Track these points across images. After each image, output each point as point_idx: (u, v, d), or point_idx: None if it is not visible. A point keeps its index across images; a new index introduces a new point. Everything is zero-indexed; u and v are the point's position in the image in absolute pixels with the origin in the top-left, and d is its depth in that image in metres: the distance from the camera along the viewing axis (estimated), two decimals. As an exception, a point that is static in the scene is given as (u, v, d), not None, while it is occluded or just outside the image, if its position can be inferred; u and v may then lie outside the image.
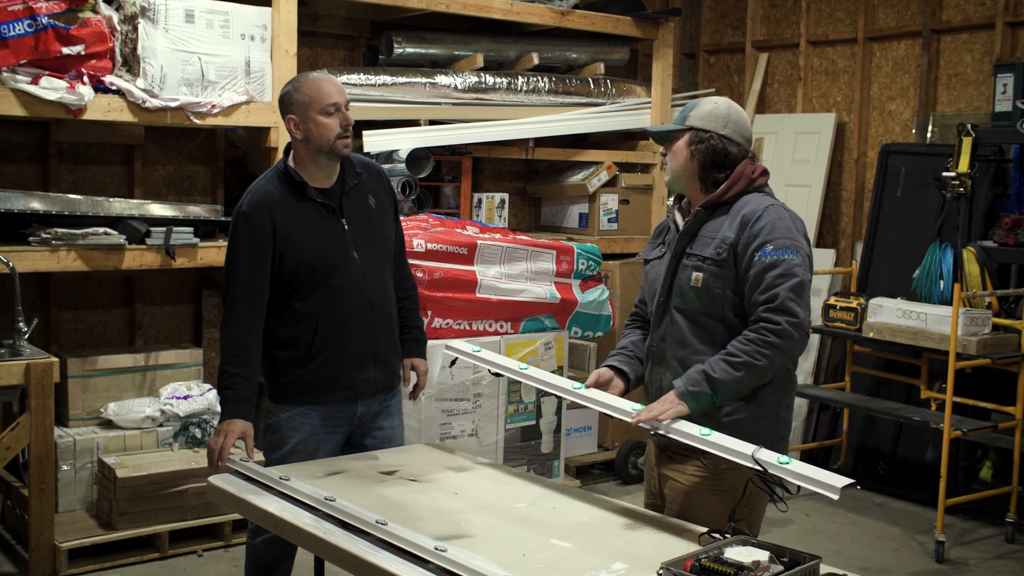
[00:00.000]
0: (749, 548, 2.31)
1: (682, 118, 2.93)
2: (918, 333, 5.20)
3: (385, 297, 3.42)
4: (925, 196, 5.95)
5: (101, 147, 5.41)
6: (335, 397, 3.34)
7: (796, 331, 2.69)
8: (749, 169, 2.87)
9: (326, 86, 3.24)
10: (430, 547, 2.40)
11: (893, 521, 5.45)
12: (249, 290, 3.24)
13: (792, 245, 2.73)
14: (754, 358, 2.69)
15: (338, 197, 3.33)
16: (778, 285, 2.69)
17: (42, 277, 5.26)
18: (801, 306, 2.71)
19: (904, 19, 6.40)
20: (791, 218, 2.81)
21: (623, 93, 6.61)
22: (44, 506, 4.31)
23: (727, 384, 2.71)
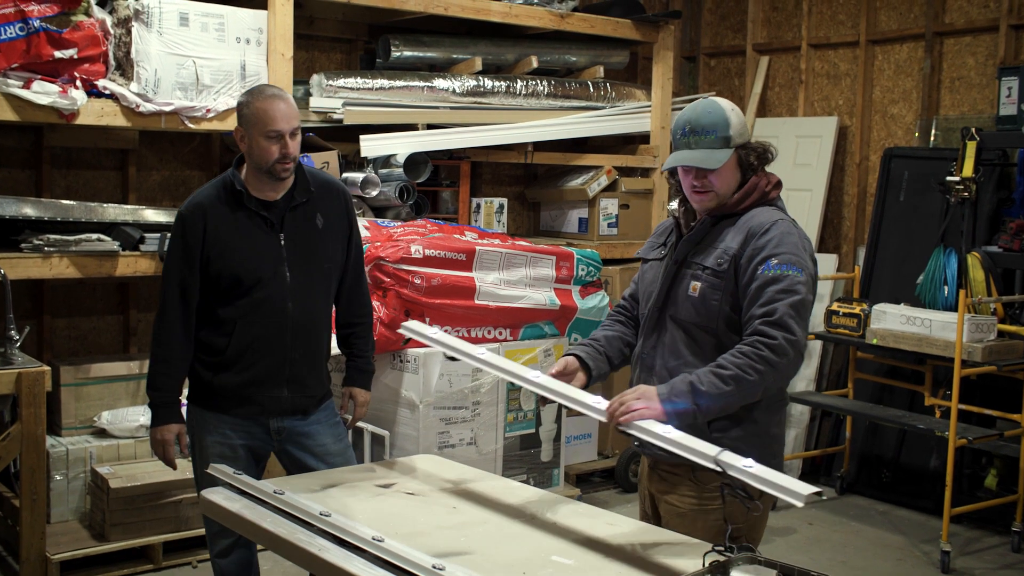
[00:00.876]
0: (756, 567, 2.24)
1: (721, 139, 2.71)
2: (922, 340, 5.14)
3: (311, 319, 3.33)
4: (928, 201, 5.89)
5: (95, 152, 5.35)
6: (244, 411, 3.30)
7: (792, 349, 2.56)
8: (764, 182, 2.77)
9: (273, 111, 3.16)
10: (428, 565, 2.33)
11: (897, 530, 5.39)
12: (178, 291, 3.24)
13: (797, 262, 2.62)
14: (745, 372, 2.55)
15: (281, 212, 3.27)
16: (778, 300, 2.58)
17: (35, 284, 5.19)
18: (800, 325, 2.59)
19: (906, 22, 6.34)
20: (800, 236, 2.71)
21: (623, 96, 6.55)
22: (35, 517, 4.24)
23: (713, 398, 2.55)
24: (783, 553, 4.96)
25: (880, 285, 6.08)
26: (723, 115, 2.72)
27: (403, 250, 4.74)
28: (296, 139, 3.21)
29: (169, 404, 3.31)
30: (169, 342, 3.27)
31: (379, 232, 5.06)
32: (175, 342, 3.27)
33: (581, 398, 2.70)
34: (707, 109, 2.74)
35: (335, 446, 3.45)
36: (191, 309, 3.26)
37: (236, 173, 3.28)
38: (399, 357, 4.78)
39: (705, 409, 2.56)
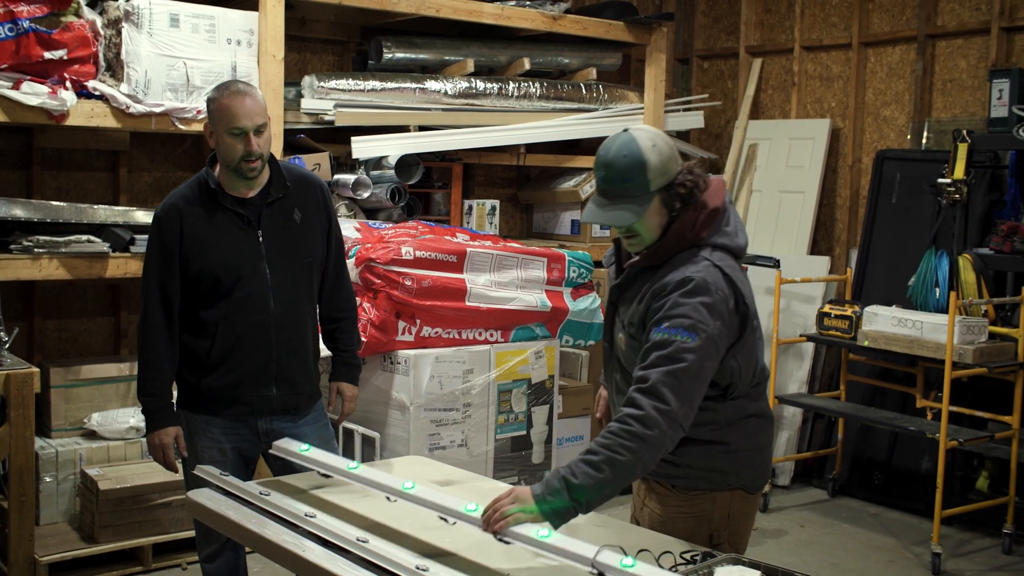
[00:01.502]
0: (740, 568, 2.24)
1: (639, 186, 2.49)
2: (914, 342, 5.14)
3: (295, 316, 3.32)
4: (920, 203, 5.89)
5: (86, 153, 5.34)
6: (233, 412, 3.29)
7: (664, 420, 2.35)
8: (688, 226, 2.53)
9: (236, 108, 3.11)
10: (411, 566, 2.34)
11: (888, 532, 5.38)
12: (159, 293, 3.22)
13: (692, 327, 2.40)
14: (616, 453, 2.34)
15: (258, 208, 3.25)
16: (657, 367, 2.39)
17: (25, 285, 5.18)
18: (678, 395, 2.37)
19: (899, 24, 6.34)
20: (714, 289, 2.45)
21: (616, 98, 6.55)
22: (24, 519, 4.23)
23: (589, 489, 2.33)
24: (774, 555, 4.95)
25: (872, 287, 6.08)
26: (639, 159, 2.48)
27: (394, 252, 4.73)
28: (262, 135, 3.15)
29: (163, 408, 3.28)
30: (156, 346, 3.24)
31: (370, 234, 5.06)
32: (162, 346, 3.24)
33: (454, 506, 2.54)
34: (622, 152, 2.49)
35: (322, 448, 3.43)
36: (173, 311, 3.24)
37: (210, 171, 3.25)
38: (390, 359, 4.77)
39: (585, 502, 2.36)
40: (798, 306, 6.25)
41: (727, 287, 2.49)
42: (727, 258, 2.55)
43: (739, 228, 2.64)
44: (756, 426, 2.67)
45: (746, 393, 2.62)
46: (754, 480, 2.69)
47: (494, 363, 5.01)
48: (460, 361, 4.89)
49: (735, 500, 2.67)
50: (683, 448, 2.60)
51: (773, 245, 6.59)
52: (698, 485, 2.64)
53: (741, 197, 6.85)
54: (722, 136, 7.32)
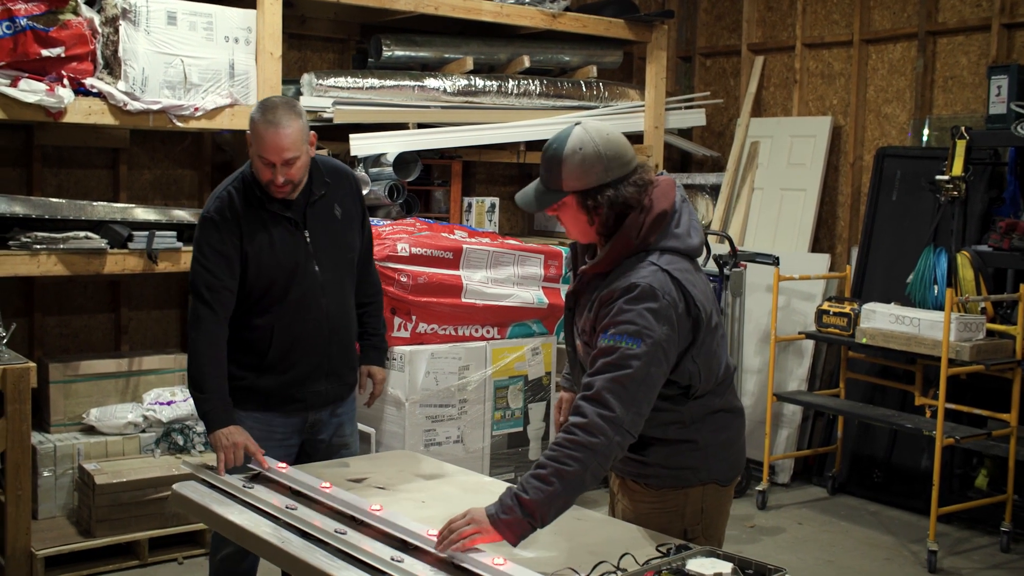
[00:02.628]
0: (712, 560, 2.24)
1: (554, 180, 2.49)
2: (911, 339, 5.13)
3: (344, 310, 3.36)
4: (921, 200, 5.87)
5: (86, 151, 5.37)
6: (285, 409, 3.30)
7: (609, 427, 2.32)
8: (635, 228, 2.48)
9: (268, 141, 3.07)
10: (386, 557, 2.35)
11: (887, 530, 5.37)
12: (218, 292, 3.17)
13: (638, 333, 2.37)
14: (564, 464, 2.31)
15: (302, 209, 3.26)
16: (602, 373, 2.37)
17: (26, 282, 5.21)
18: (623, 401, 2.34)
19: (900, 21, 6.33)
20: (660, 295, 2.41)
21: (616, 96, 6.55)
22: (20, 513, 4.26)
23: (542, 504, 2.30)
24: (770, 552, 4.95)
25: (872, 285, 6.06)
26: (558, 156, 2.48)
27: (389, 248, 4.75)
28: (294, 166, 3.12)
29: (227, 408, 3.16)
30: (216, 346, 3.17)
31: (367, 230, 5.07)
32: (220, 344, 3.18)
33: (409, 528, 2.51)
34: (553, 143, 2.51)
35: (352, 437, 3.52)
36: (227, 313, 3.20)
37: (254, 175, 3.22)
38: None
39: (540, 516, 2.32)
40: (798, 304, 6.24)
41: (676, 291, 2.45)
42: (678, 260, 2.51)
43: (693, 228, 2.58)
44: (723, 420, 2.65)
45: (710, 391, 2.60)
46: (726, 473, 2.67)
47: (490, 359, 5.03)
48: (456, 357, 4.91)
49: (708, 494, 2.66)
50: (651, 448, 2.61)
51: (775, 243, 6.58)
52: (669, 483, 2.63)
53: (743, 194, 6.84)
54: (724, 134, 7.32)
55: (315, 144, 3.27)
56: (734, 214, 6.85)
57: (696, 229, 2.60)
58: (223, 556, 3.35)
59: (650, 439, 2.61)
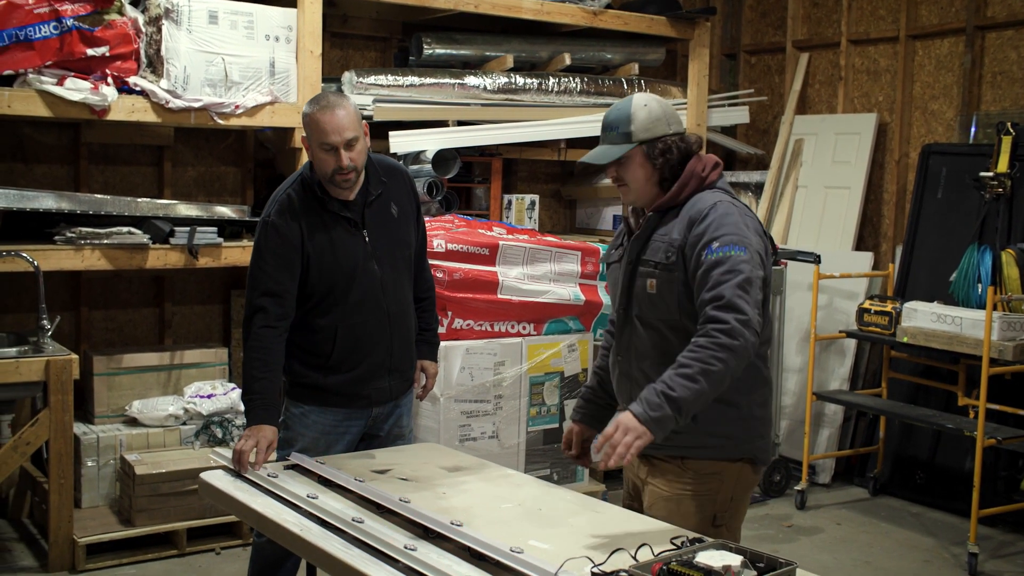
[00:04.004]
0: (723, 552, 2.23)
1: (622, 135, 2.75)
2: (953, 338, 5.05)
3: (403, 308, 3.40)
4: (967, 198, 5.77)
5: (131, 148, 5.48)
6: (351, 407, 3.36)
7: (747, 330, 2.53)
8: (699, 167, 2.76)
9: (325, 123, 3.12)
10: (400, 546, 2.37)
11: (928, 531, 5.29)
12: (276, 296, 3.20)
13: (739, 241, 2.60)
14: (709, 364, 2.51)
15: (360, 209, 3.29)
16: (724, 282, 2.56)
17: (72, 276, 5.33)
18: (750, 304, 2.55)
19: (947, 16, 6.23)
20: (740, 213, 2.67)
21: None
22: (63, 501, 4.37)
23: (689, 401, 2.50)
24: (806, 552, 4.91)
25: (917, 283, 5.98)
26: (628, 112, 2.75)
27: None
28: (354, 148, 3.15)
29: (268, 407, 3.17)
30: (269, 346, 3.19)
31: (405, 227, 5.11)
32: (275, 346, 3.21)
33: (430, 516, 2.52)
34: (618, 106, 2.79)
35: (409, 427, 3.56)
36: (288, 314, 3.22)
37: (313, 176, 3.25)
38: (421, 350, 4.82)
39: (686, 412, 2.52)
40: (841, 303, 6.18)
41: (751, 212, 2.74)
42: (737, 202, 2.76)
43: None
44: (764, 393, 2.81)
45: (758, 353, 2.71)
46: (761, 452, 2.78)
47: (526, 356, 5.04)
48: (491, 353, 4.93)
49: (741, 476, 2.75)
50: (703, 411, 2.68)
51: (818, 241, 6.51)
52: (712, 454, 2.70)
53: (787, 192, 6.78)
54: (769, 132, 7.26)
55: (368, 134, 3.30)
56: (777, 212, 6.79)
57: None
58: (264, 540, 3.42)
59: None
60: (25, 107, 4.45)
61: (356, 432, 3.43)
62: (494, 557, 2.33)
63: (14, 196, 4.62)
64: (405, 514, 2.60)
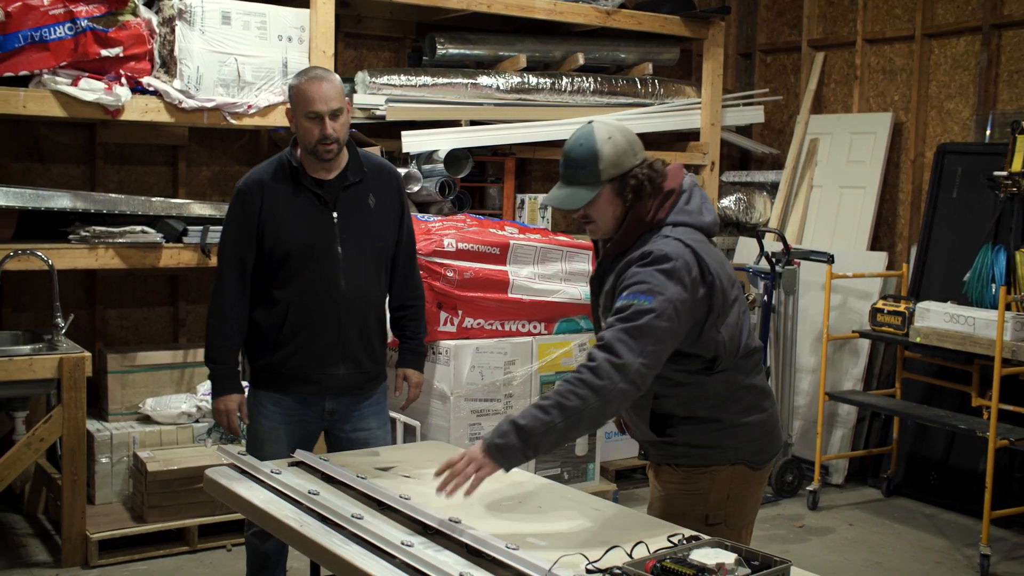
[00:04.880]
0: (717, 550, 2.24)
1: (590, 174, 2.61)
2: (966, 338, 5.02)
3: (364, 297, 3.41)
4: (982, 197, 5.73)
5: (146, 148, 5.53)
6: (302, 390, 3.38)
7: (617, 373, 2.42)
8: (646, 210, 2.62)
9: (312, 92, 3.24)
10: (397, 542, 2.39)
11: (941, 533, 5.26)
12: (236, 264, 3.33)
13: (649, 291, 2.48)
14: (566, 398, 2.42)
15: (335, 190, 3.35)
16: (613, 326, 2.49)
17: (88, 275, 5.39)
18: (632, 350, 2.43)
19: (964, 14, 6.19)
20: (672, 258, 2.52)
21: (672, 93, 6.52)
22: (76, 497, 4.41)
23: (537, 432, 2.41)
24: (816, 552, 4.89)
25: (931, 283, 5.95)
26: (593, 148, 2.61)
27: (436, 243, 4.81)
28: (339, 119, 3.26)
29: (229, 375, 3.41)
30: (226, 315, 3.37)
31: (417, 226, 5.11)
32: (232, 315, 3.36)
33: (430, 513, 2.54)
34: (579, 141, 2.64)
35: (379, 430, 3.55)
36: (246, 283, 3.36)
37: (293, 152, 3.36)
38: (431, 349, 4.84)
39: (533, 444, 2.43)
40: (855, 303, 6.15)
41: (689, 255, 2.55)
42: (692, 232, 2.62)
43: (705, 208, 2.70)
44: (750, 400, 2.71)
45: (734, 366, 2.66)
46: (754, 455, 2.72)
47: (536, 355, 5.06)
48: (502, 352, 4.94)
49: (736, 477, 2.70)
50: (680, 427, 2.68)
51: (833, 241, 6.49)
52: (696, 462, 2.70)
53: (801, 192, 6.76)
54: (784, 131, 7.23)
55: (351, 112, 3.36)
56: (792, 212, 6.77)
57: (709, 209, 2.72)
58: (252, 532, 3.53)
59: (678, 419, 2.70)
60: (40, 107, 4.51)
61: (314, 426, 3.46)
62: (490, 554, 2.34)
63: (30, 195, 4.67)
64: (404, 511, 2.61)
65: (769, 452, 2.77)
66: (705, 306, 2.58)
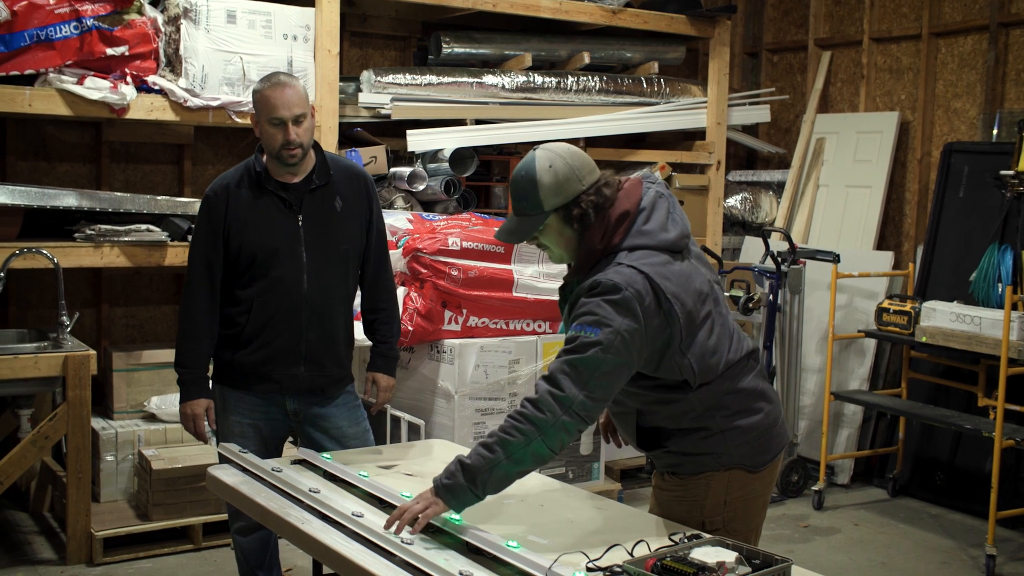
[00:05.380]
0: (718, 549, 2.23)
1: (533, 205, 2.52)
2: (972, 338, 5.01)
3: (327, 299, 3.42)
4: (989, 196, 5.71)
5: (152, 147, 5.54)
6: (263, 388, 3.42)
7: (558, 405, 2.37)
8: (597, 238, 2.53)
9: (275, 99, 3.25)
10: (398, 540, 2.39)
11: (947, 533, 5.25)
12: (204, 269, 3.37)
13: (596, 322, 2.39)
14: (509, 434, 2.40)
15: (300, 194, 3.37)
16: (559, 357, 2.43)
17: (94, 274, 5.40)
18: (577, 383, 2.37)
19: (971, 13, 6.17)
20: (623, 287, 2.41)
21: (678, 92, 6.51)
22: (81, 495, 4.42)
23: (482, 470, 2.40)
24: (821, 552, 4.88)
25: (938, 283, 5.93)
26: (532, 178, 2.51)
27: (440, 242, 4.80)
28: (303, 125, 3.27)
29: (197, 380, 3.45)
30: (195, 319, 3.40)
31: (422, 225, 5.14)
32: (201, 319, 3.40)
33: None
34: (521, 170, 2.55)
35: (351, 429, 3.52)
36: (216, 287, 3.39)
37: (259, 157, 3.40)
38: (436, 348, 4.84)
39: (480, 483, 2.41)
40: (861, 302, 6.13)
41: (643, 284, 2.44)
42: (650, 255, 2.51)
43: (671, 222, 2.58)
44: (741, 404, 2.62)
45: (719, 376, 2.58)
46: (751, 457, 2.63)
47: (541, 353, 5.05)
48: (506, 351, 4.94)
49: (733, 482, 2.63)
50: (672, 439, 2.64)
51: (839, 240, 6.47)
52: (693, 469, 2.64)
53: (808, 191, 6.75)
54: (791, 130, 7.22)
55: (315, 116, 3.43)
56: (799, 211, 6.76)
57: (675, 223, 2.60)
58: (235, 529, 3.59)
59: (667, 431, 2.65)
60: (46, 106, 4.52)
61: (279, 424, 3.49)
62: (491, 552, 2.34)
63: (36, 194, 4.68)
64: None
65: (768, 454, 2.67)
66: (664, 333, 2.48)
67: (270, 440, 3.49)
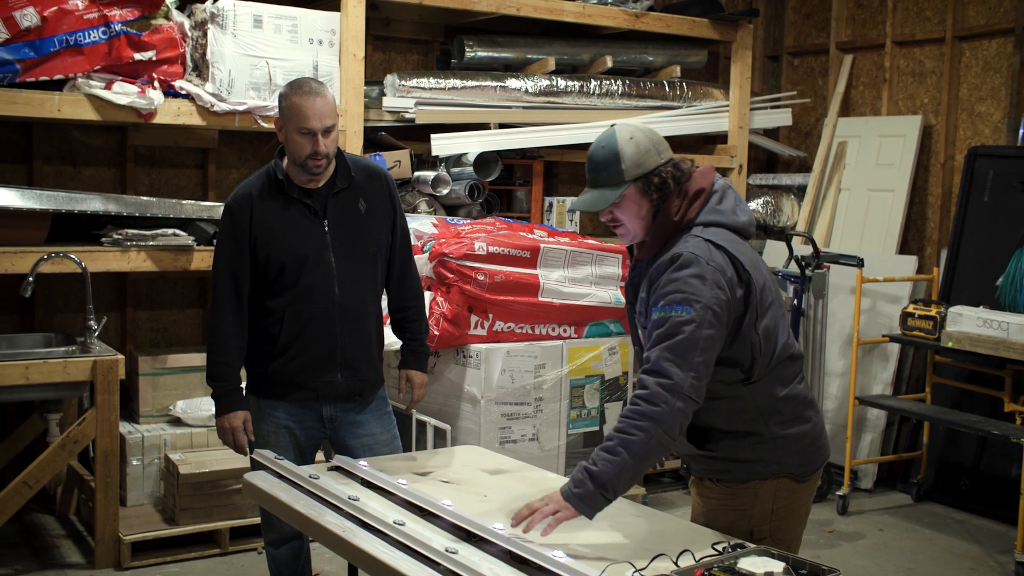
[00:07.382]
0: (765, 559, 2.23)
1: (613, 175, 2.59)
2: (1000, 343, 4.99)
3: (359, 303, 3.40)
4: (1014, 201, 5.70)
5: (176, 151, 5.55)
6: (299, 396, 3.39)
7: (670, 394, 2.40)
8: (674, 210, 2.59)
9: (307, 109, 3.20)
10: (441, 549, 2.39)
11: (973, 539, 5.23)
12: (230, 280, 3.33)
13: (685, 299, 2.45)
14: (629, 434, 2.41)
15: (324, 198, 3.34)
16: (657, 344, 2.46)
17: (118, 277, 5.41)
18: (682, 366, 2.42)
19: (995, 16, 6.15)
20: (704, 260, 2.48)
21: (700, 96, 6.50)
22: (109, 499, 4.43)
23: (612, 475, 2.41)
24: (848, 557, 4.87)
25: (962, 287, 5.90)
26: (615, 149, 2.59)
27: (467, 247, 4.80)
28: (330, 136, 3.24)
29: (231, 392, 3.40)
30: (225, 331, 3.36)
31: (447, 229, 5.13)
32: (231, 331, 3.36)
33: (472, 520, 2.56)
34: (601, 143, 2.63)
35: (383, 435, 3.52)
36: (243, 298, 3.35)
37: (279, 163, 3.36)
38: (462, 352, 4.84)
39: (612, 487, 2.43)
40: (884, 307, 6.12)
41: (721, 257, 2.52)
42: (723, 232, 2.59)
43: (740, 208, 2.67)
44: (792, 411, 2.64)
45: (772, 375, 2.60)
46: (800, 466, 2.65)
47: (566, 358, 5.04)
48: (532, 356, 4.93)
49: (781, 490, 2.64)
50: (720, 442, 2.64)
51: (861, 244, 6.46)
52: (741, 476, 2.65)
53: (829, 195, 6.73)
54: (812, 134, 7.20)
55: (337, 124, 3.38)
56: (820, 215, 6.74)
57: (744, 210, 2.69)
58: (269, 540, 3.57)
59: (718, 432, 2.66)
60: (74, 111, 4.53)
61: (315, 432, 3.47)
62: (536, 561, 2.34)
63: (63, 198, 4.69)
64: (446, 517, 2.61)
65: (815, 463, 2.69)
66: (743, 305, 2.55)
67: (307, 448, 3.48)
